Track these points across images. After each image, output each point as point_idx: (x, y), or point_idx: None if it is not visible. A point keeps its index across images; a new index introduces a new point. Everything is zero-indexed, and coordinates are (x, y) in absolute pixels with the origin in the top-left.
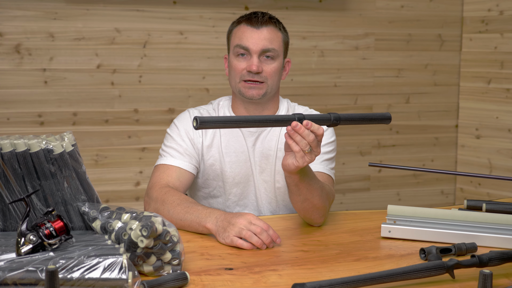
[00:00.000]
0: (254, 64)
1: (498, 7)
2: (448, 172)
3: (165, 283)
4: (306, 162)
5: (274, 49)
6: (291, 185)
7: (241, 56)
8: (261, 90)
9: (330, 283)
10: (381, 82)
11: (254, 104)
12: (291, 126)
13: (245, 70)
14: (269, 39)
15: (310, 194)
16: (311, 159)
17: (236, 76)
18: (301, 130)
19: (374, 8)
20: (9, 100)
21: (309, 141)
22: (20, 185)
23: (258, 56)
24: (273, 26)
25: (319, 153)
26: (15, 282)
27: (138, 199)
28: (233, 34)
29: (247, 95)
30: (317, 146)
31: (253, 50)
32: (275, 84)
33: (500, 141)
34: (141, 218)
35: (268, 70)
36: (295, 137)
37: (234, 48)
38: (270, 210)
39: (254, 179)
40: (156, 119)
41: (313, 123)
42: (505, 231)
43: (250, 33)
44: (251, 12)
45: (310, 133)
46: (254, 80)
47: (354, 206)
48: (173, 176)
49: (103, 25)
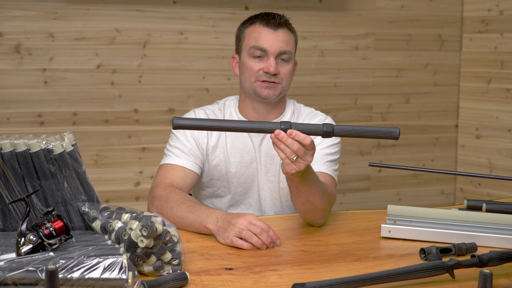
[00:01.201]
0: (272, 65)
1: (498, 7)
2: (448, 172)
3: (165, 283)
4: (294, 170)
5: (289, 51)
6: (292, 187)
7: (257, 57)
8: (277, 90)
9: (330, 283)
10: (381, 82)
11: (264, 104)
12: (274, 134)
13: (261, 71)
14: (285, 41)
15: (311, 196)
16: (299, 167)
17: (251, 76)
18: (284, 138)
19: (374, 8)
20: (9, 100)
21: (293, 150)
22: (20, 185)
23: (275, 57)
24: (287, 29)
25: (310, 162)
26: (15, 282)
27: (138, 199)
28: (247, 35)
29: (263, 95)
30: (305, 155)
31: (271, 52)
32: (288, 85)
33: (500, 141)
34: (141, 218)
35: (283, 72)
36: (279, 145)
37: (249, 48)
38: (274, 210)
39: (259, 179)
40: (156, 119)
41: (299, 133)
42: (505, 231)
43: (267, 34)
44: (264, 12)
45: (295, 142)
46: (270, 81)
47: (354, 206)
48: (178, 176)
49: (103, 25)
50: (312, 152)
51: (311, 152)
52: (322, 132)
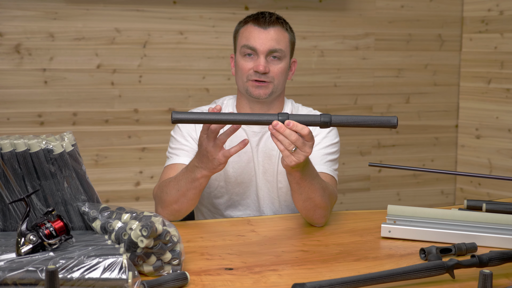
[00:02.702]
0: (261, 64)
1: (498, 7)
2: (448, 172)
3: (165, 283)
4: (294, 162)
5: (281, 49)
6: (293, 183)
7: (248, 56)
8: (268, 89)
9: (330, 283)
10: (381, 82)
11: (260, 104)
12: (272, 125)
13: (252, 70)
14: (276, 39)
15: (312, 193)
16: (298, 159)
17: (243, 75)
18: (281, 129)
19: (374, 8)
20: (9, 100)
21: (292, 140)
22: (20, 185)
23: (265, 56)
24: (280, 27)
25: (309, 153)
26: (15, 282)
27: (138, 199)
28: (240, 34)
29: (254, 94)
30: (303, 146)
31: (260, 51)
32: (281, 84)
33: (500, 141)
34: (141, 218)
35: (275, 70)
36: (277, 136)
37: (241, 48)
38: (273, 210)
39: (257, 179)
40: (156, 119)
41: (296, 123)
42: (505, 231)
43: (257, 33)
44: (258, 12)
45: (293, 132)
46: (261, 80)
47: (354, 206)
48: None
49: (103, 25)
50: (311, 143)
51: (310, 143)
52: (320, 123)
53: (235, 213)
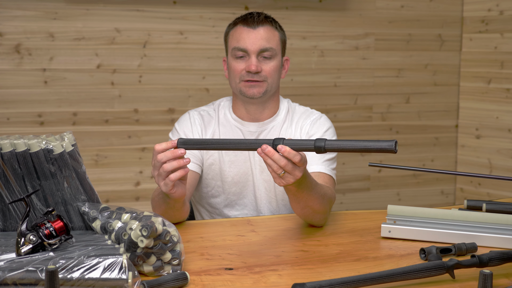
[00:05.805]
0: (253, 64)
1: (498, 7)
2: (448, 172)
3: (165, 283)
4: (282, 184)
5: (271, 48)
6: (289, 194)
7: (239, 58)
8: (262, 88)
9: (330, 283)
10: (381, 82)
11: (255, 105)
12: (261, 149)
13: (244, 70)
14: (266, 38)
15: (310, 202)
16: (287, 181)
17: (235, 77)
18: (270, 153)
19: (374, 8)
20: (9, 100)
21: (281, 165)
22: (20, 185)
23: (256, 55)
24: (269, 25)
25: (299, 177)
26: (15, 282)
27: (138, 199)
28: (230, 36)
29: (248, 94)
30: (293, 170)
31: (251, 51)
32: (275, 82)
33: (500, 141)
34: (141, 218)
35: (267, 69)
36: (266, 159)
37: (232, 50)
38: (270, 209)
39: (254, 178)
40: (156, 119)
41: (290, 150)
42: (505, 231)
43: (247, 33)
44: (247, 13)
45: (282, 158)
46: (254, 79)
47: (354, 206)
48: None
49: (103, 25)
50: (302, 168)
51: (301, 168)
52: (313, 148)
53: (233, 213)
